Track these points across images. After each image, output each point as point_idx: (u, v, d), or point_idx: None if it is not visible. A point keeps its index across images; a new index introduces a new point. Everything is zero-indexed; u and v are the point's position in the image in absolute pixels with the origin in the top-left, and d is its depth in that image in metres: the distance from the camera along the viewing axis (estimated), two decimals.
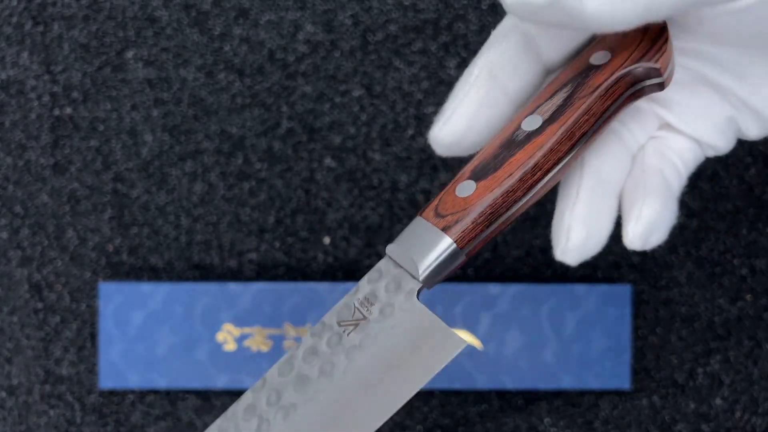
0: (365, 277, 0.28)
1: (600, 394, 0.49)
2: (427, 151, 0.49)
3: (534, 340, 0.47)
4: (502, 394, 0.49)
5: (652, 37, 0.27)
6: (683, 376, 0.49)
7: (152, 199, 0.49)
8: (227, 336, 0.47)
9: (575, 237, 0.28)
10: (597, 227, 0.29)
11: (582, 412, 0.49)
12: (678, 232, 0.49)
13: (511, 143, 0.27)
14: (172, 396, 0.49)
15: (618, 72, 0.27)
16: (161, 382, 0.47)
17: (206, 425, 0.49)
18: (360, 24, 0.49)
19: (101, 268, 0.49)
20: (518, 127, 0.27)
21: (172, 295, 0.47)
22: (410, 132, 0.49)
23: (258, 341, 0.47)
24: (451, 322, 0.47)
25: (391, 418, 0.49)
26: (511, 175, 0.27)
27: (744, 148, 0.49)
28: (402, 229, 0.44)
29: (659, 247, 0.49)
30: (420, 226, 0.27)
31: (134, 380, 0.47)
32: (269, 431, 0.26)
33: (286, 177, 0.49)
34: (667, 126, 0.30)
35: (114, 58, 0.49)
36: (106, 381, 0.47)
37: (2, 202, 0.49)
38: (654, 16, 0.24)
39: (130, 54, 0.49)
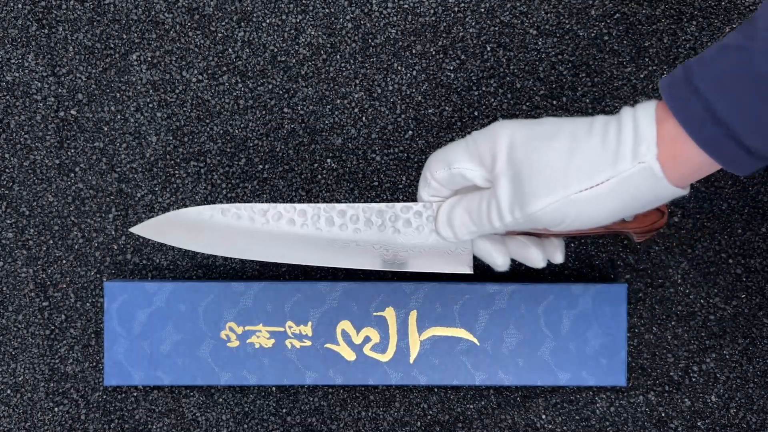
0: None
1: (596, 391, 0.49)
2: (426, 152, 0.49)
3: (531, 338, 0.47)
4: (500, 391, 0.49)
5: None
6: (678, 374, 0.49)
7: (156, 199, 0.49)
8: (230, 334, 0.47)
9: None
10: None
11: (579, 409, 0.49)
12: (673, 232, 0.49)
13: None
14: (175, 393, 0.49)
15: None
16: (165, 379, 0.47)
17: (209, 421, 0.49)
18: (360, 27, 0.49)
19: (106, 267, 0.49)
20: None
21: (175, 294, 0.47)
22: (410, 133, 0.49)
23: (260, 339, 0.47)
24: (451, 321, 0.47)
25: (391, 415, 0.49)
26: None
27: None
28: None
29: (655, 246, 0.49)
30: None
31: (138, 377, 0.47)
32: None
33: (288, 177, 0.49)
34: None
35: (118, 60, 0.49)
36: (111, 378, 0.47)
37: (8, 203, 0.49)
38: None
39: (134, 56, 0.49)
